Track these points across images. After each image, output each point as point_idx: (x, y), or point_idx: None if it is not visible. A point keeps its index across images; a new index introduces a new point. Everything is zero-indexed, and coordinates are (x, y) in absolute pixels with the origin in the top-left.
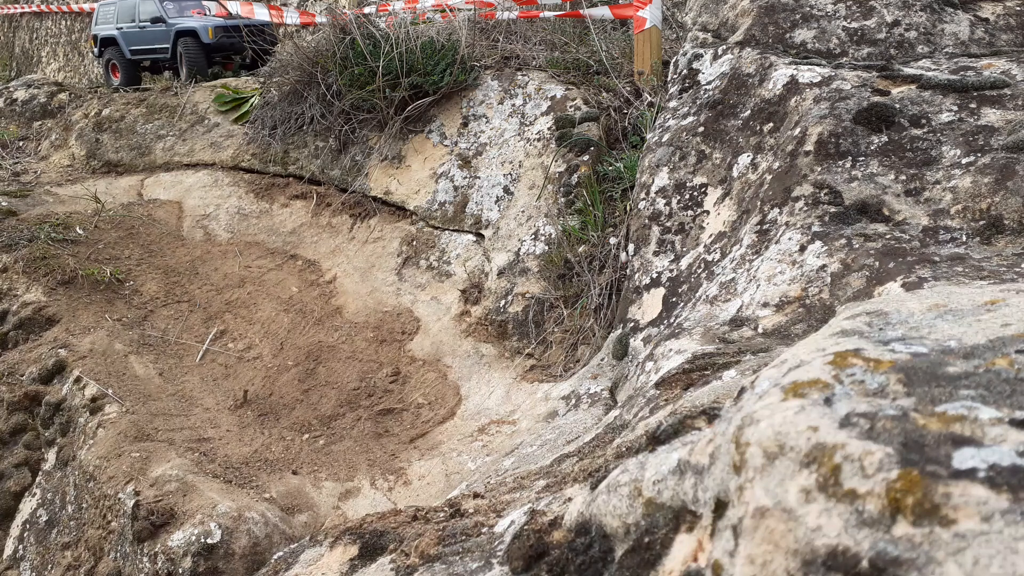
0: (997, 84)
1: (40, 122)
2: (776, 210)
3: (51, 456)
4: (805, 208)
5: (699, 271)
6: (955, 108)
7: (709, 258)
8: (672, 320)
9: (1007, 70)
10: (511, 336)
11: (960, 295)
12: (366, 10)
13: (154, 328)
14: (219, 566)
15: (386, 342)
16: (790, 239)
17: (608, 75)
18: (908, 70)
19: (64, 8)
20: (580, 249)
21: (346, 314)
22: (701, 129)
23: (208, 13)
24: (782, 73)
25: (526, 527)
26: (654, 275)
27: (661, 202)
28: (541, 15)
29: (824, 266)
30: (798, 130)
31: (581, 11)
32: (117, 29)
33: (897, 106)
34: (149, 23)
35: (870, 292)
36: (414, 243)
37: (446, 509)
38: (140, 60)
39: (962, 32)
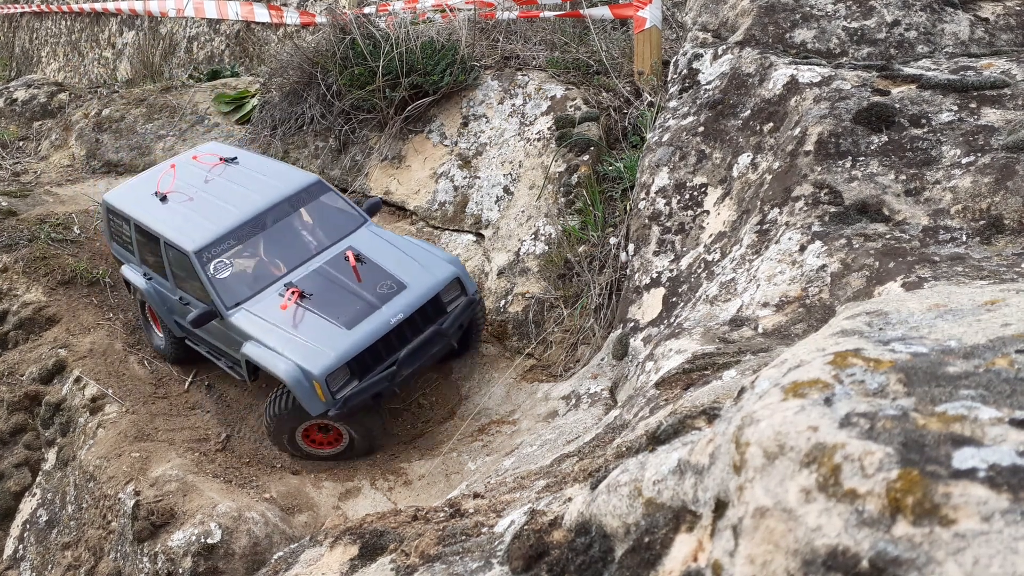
0: (997, 84)
1: (40, 122)
2: (776, 210)
3: (51, 456)
4: (805, 208)
5: (699, 271)
6: (955, 108)
7: (709, 258)
8: (672, 320)
9: (1007, 70)
10: (511, 336)
11: (960, 295)
12: (366, 10)
13: None
14: (219, 566)
15: None
16: (790, 239)
17: (608, 75)
18: (908, 70)
19: (64, 8)
20: (580, 249)
21: None
22: (701, 129)
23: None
24: (782, 73)
25: (526, 527)
26: (654, 275)
27: (661, 202)
28: (541, 15)
29: (824, 266)
30: (798, 130)
31: (581, 11)
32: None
33: (897, 106)
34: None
35: (870, 292)
36: None
37: (446, 509)
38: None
39: (962, 32)
